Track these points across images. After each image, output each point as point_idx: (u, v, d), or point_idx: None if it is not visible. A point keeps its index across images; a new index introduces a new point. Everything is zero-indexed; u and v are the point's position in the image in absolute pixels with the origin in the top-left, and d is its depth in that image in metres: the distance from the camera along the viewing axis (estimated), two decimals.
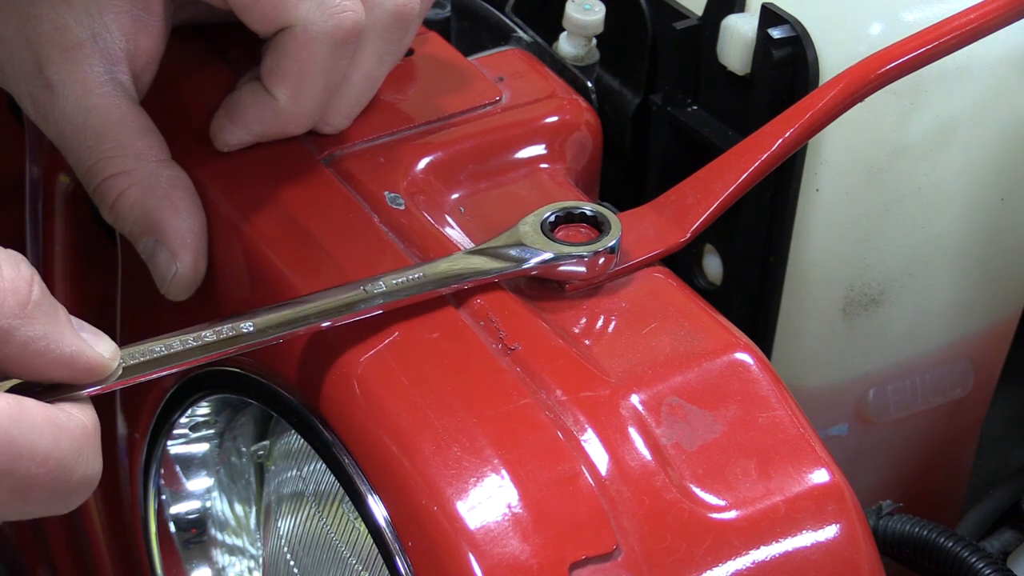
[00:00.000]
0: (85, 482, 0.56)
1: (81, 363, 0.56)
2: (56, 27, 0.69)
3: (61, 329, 0.55)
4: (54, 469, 0.54)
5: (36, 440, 0.53)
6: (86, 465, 0.55)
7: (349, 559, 0.70)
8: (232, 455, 0.81)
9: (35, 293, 0.54)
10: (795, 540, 0.61)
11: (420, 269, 0.66)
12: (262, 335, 0.62)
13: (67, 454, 0.54)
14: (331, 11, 0.67)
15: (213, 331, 0.62)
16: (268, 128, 0.72)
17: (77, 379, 0.57)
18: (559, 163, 0.77)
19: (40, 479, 0.54)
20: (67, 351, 0.55)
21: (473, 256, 0.67)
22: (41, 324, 0.54)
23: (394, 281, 0.65)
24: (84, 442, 0.55)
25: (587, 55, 0.87)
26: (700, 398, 0.64)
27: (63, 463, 0.54)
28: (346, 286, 0.65)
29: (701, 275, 0.87)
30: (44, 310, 0.54)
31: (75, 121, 0.69)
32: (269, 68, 0.69)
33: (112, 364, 0.57)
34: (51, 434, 0.54)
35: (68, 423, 0.55)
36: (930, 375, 0.91)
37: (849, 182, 0.80)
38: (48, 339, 0.55)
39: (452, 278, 0.66)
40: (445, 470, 0.59)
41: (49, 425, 0.54)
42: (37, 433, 0.53)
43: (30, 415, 0.53)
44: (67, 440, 0.54)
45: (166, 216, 0.69)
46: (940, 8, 0.77)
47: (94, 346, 0.57)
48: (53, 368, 0.55)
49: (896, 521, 0.79)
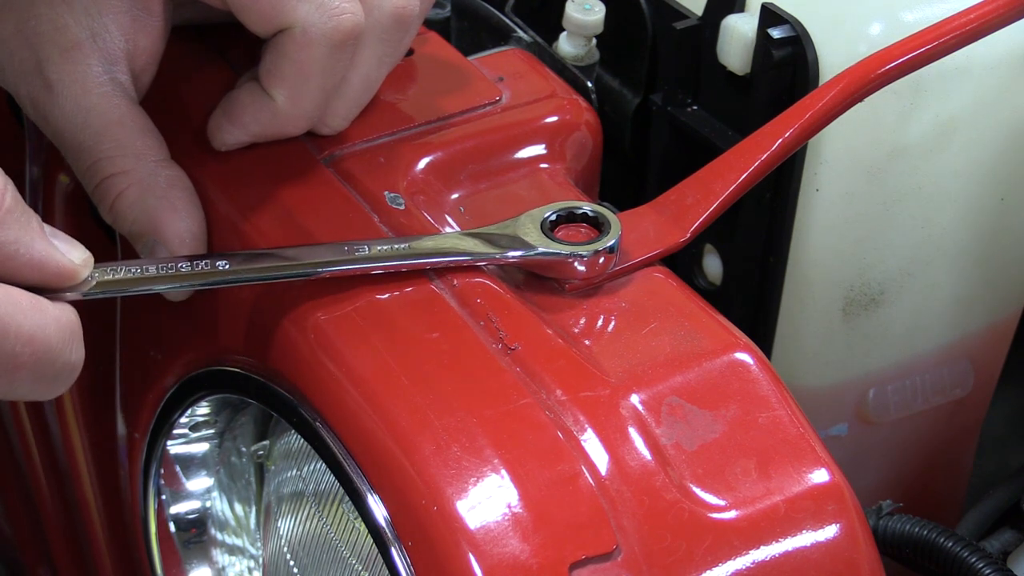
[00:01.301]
0: (68, 368, 0.59)
1: (51, 267, 0.59)
2: (55, 27, 0.69)
3: (32, 235, 0.58)
4: (39, 350, 0.57)
5: (22, 320, 0.56)
6: (69, 352, 0.58)
7: (349, 559, 0.70)
8: (232, 455, 0.81)
9: (8, 200, 0.57)
10: (795, 540, 0.61)
11: (407, 241, 0.67)
12: (235, 274, 0.64)
13: (52, 336, 0.57)
14: (330, 13, 0.67)
15: (190, 263, 0.64)
16: (266, 129, 0.72)
17: (48, 282, 0.59)
18: (559, 163, 0.77)
19: (25, 359, 0.56)
20: (37, 256, 0.58)
21: (464, 237, 0.68)
22: (13, 230, 0.57)
23: (379, 247, 0.66)
24: (69, 330, 0.58)
25: (587, 55, 0.87)
26: (700, 398, 0.64)
27: (48, 345, 0.57)
28: (330, 245, 0.66)
29: (701, 275, 0.87)
30: (16, 216, 0.57)
31: (74, 121, 0.69)
32: (267, 69, 0.69)
33: (83, 271, 0.60)
34: (37, 317, 0.57)
35: (52, 310, 0.58)
36: (930, 375, 0.91)
37: (849, 182, 0.80)
38: (19, 243, 0.57)
39: (438, 253, 0.66)
40: (445, 470, 0.59)
41: (34, 309, 0.57)
42: (23, 314, 0.56)
43: (15, 298, 0.56)
44: (52, 324, 0.57)
45: (165, 216, 0.69)
46: (940, 8, 0.77)
47: (66, 253, 0.59)
48: (24, 271, 0.58)
49: (896, 521, 0.79)
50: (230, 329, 0.71)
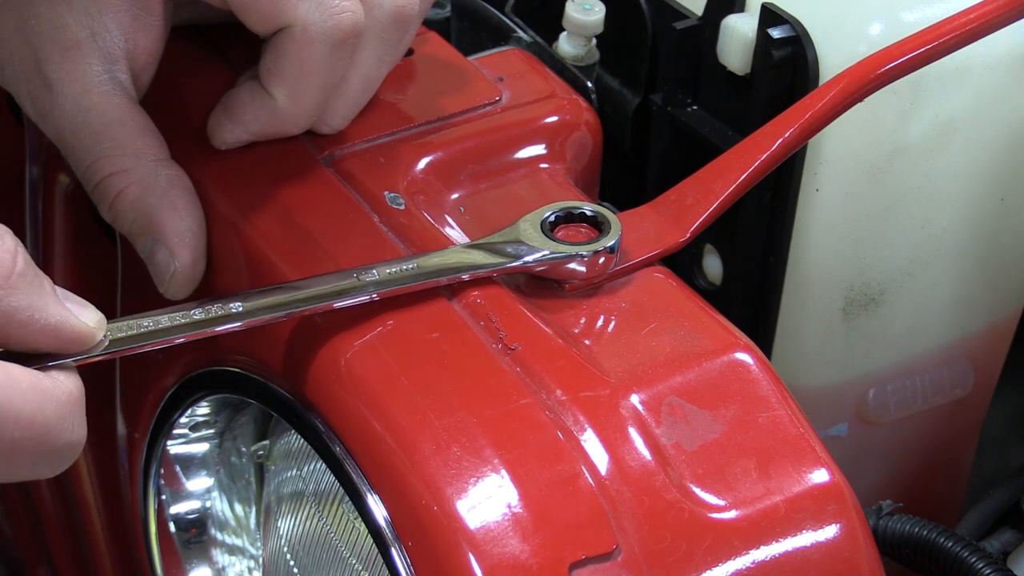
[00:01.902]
0: (70, 447, 0.57)
1: (66, 332, 0.57)
2: (55, 26, 0.69)
3: (45, 299, 0.56)
4: (39, 434, 0.55)
5: (21, 405, 0.54)
6: (71, 431, 0.56)
7: (349, 559, 0.70)
8: (232, 455, 0.81)
9: (19, 264, 0.55)
10: (795, 540, 0.61)
11: (414, 260, 0.66)
12: (250, 316, 0.63)
13: (52, 419, 0.55)
14: (330, 12, 0.67)
15: (202, 309, 0.62)
16: (266, 127, 0.72)
17: (62, 348, 0.57)
18: (559, 163, 0.77)
19: (25, 444, 0.55)
20: (52, 321, 0.56)
21: (469, 250, 0.67)
22: (25, 295, 0.55)
23: (387, 271, 0.65)
24: (69, 408, 0.56)
25: (587, 55, 0.87)
26: (700, 398, 0.64)
27: (48, 428, 0.55)
28: (338, 273, 0.65)
29: (701, 275, 0.87)
30: (28, 280, 0.55)
31: (74, 120, 0.69)
32: (268, 68, 0.69)
33: (98, 334, 0.58)
34: (36, 400, 0.55)
35: (54, 389, 0.56)
36: (930, 375, 0.91)
37: (849, 182, 0.80)
38: (33, 309, 0.55)
39: (447, 270, 0.66)
40: (445, 470, 0.59)
41: (34, 391, 0.55)
42: (22, 398, 0.54)
43: (15, 380, 0.54)
44: (52, 405, 0.55)
45: (165, 215, 0.69)
46: (940, 8, 0.77)
47: (79, 316, 0.57)
48: (38, 337, 0.56)
49: (896, 521, 0.79)
50: None
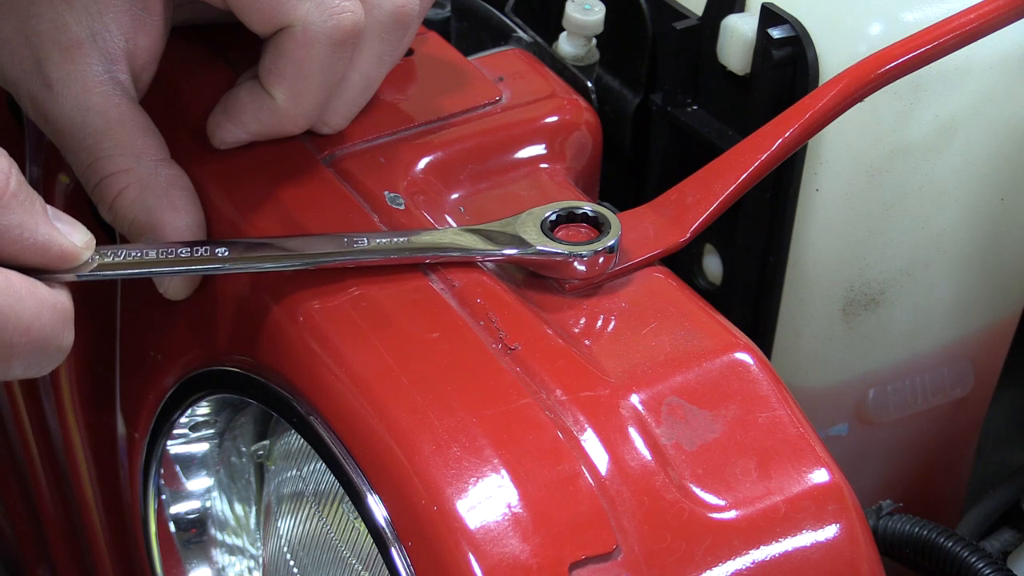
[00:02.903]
0: (59, 352, 0.60)
1: (54, 250, 0.60)
2: (55, 26, 0.69)
3: (36, 218, 0.59)
4: (35, 338, 0.58)
5: (20, 311, 0.58)
6: (62, 337, 0.60)
7: (349, 559, 0.70)
8: (232, 455, 0.81)
9: (12, 184, 0.58)
10: (795, 540, 0.61)
11: (406, 235, 0.67)
12: (234, 262, 0.65)
13: (47, 324, 0.59)
14: (330, 12, 0.67)
15: (189, 249, 0.65)
16: (265, 127, 0.72)
17: (51, 264, 0.60)
18: (559, 163, 0.77)
19: (21, 347, 0.58)
20: (41, 239, 0.59)
21: (463, 233, 0.68)
22: (17, 213, 0.58)
23: (377, 240, 0.66)
24: (63, 316, 0.60)
25: (587, 55, 0.87)
26: (700, 398, 0.64)
27: (43, 333, 0.59)
28: (329, 236, 0.67)
29: (701, 275, 0.87)
30: (20, 200, 0.58)
31: (74, 120, 0.69)
32: (267, 68, 0.69)
33: (85, 253, 0.61)
34: (33, 306, 0.58)
35: (49, 297, 0.59)
36: (930, 375, 0.91)
37: (849, 182, 0.80)
38: (23, 227, 0.59)
39: (437, 248, 0.67)
40: (445, 470, 0.59)
41: (32, 298, 0.58)
42: (21, 304, 0.58)
43: (15, 287, 0.58)
44: (48, 312, 0.59)
45: (165, 215, 0.69)
46: (940, 8, 0.77)
47: (68, 235, 0.61)
48: (28, 253, 0.59)
49: (896, 521, 0.79)
50: (230, 329, 0.71)
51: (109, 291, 0.81)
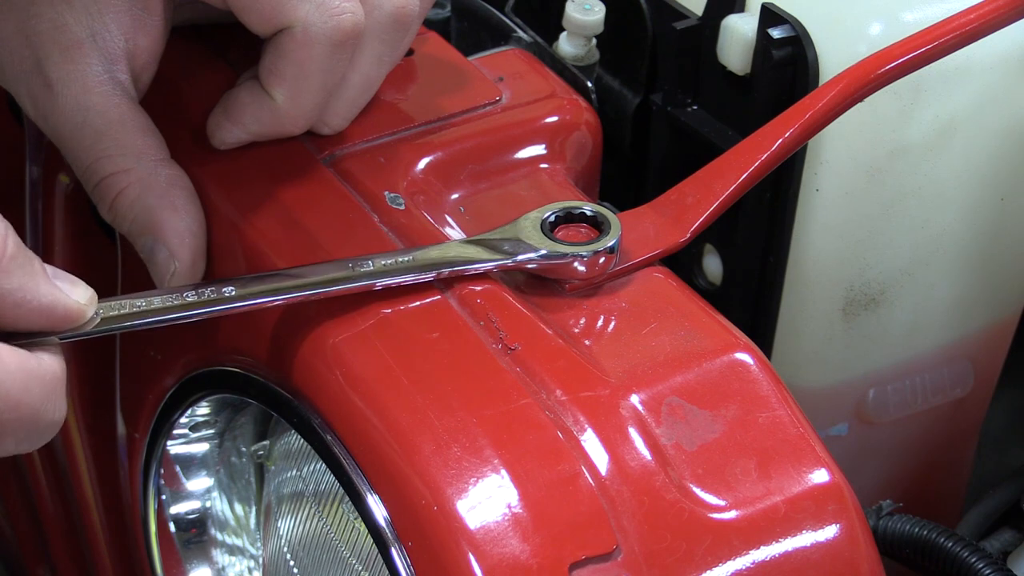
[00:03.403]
0: (52, 426, 0.58)
1: (58, 312, 0.58)
2: (55, 26, 0.69)
3: (36, 280, 0.57)
4: (25, 414, 0.56)
5: (9, 386, 0.55)
6: (54, 410, 0.58)
7: (349, 559, 0.70)
8: (232, 455, 0.81)
9: (10, 247, 0.56)
10: (795, 540, 0.61)
11: (411, 253, 0.66)
12: (242, 300, 0.63)
13: (37, 400, 0.56)
14: (330, 12, 0.67)
15: (195, 292, 0.63)
16: (265, 128, 0.72)
17: (54, 326, 0.58)
18: (559, 163, 0.77)
19: (10, 423, 0.56)
20: (44, 301, 0.57)
21: (467, 245, 0.68)
22: (17, 277, 0.56)
23: (382, 262, 0.65)
24: (54, 388, 0.58)
25: (587, 55, 0.87)
26: (700, 398, 0.64)
27: (33, 408, 0.56)
28: (334, 263, 0.65)
29: (701, 275, 0.87)
30: (19, 263, 0.56)
31: (74, 120, 0.69)
32: (267, 68, 0.69)
33: (88, 310, 0.59)
34: (23, 381, 0.56)
35: (39, 370, 0.57)
36: (930, 375, 0.91)
37: (849, 182, 0.80)
38: (24, 291, 0.57)
39: (443, 264, 0.66)
40: (445, 470, 0.59)
41: (21, 372, 0.56)
42: (11, 379, 0.55)
43: (3, 361, 0.55)
44: (38, 386, 0.56)
45: (165, 215, 0.69)
46: (940, 8, 0.77)
47: (70, 294, 0.59)
48: (31, 318, 0.57)
49: (896, 521, 0.79)
50: (230, 329, 0.71)
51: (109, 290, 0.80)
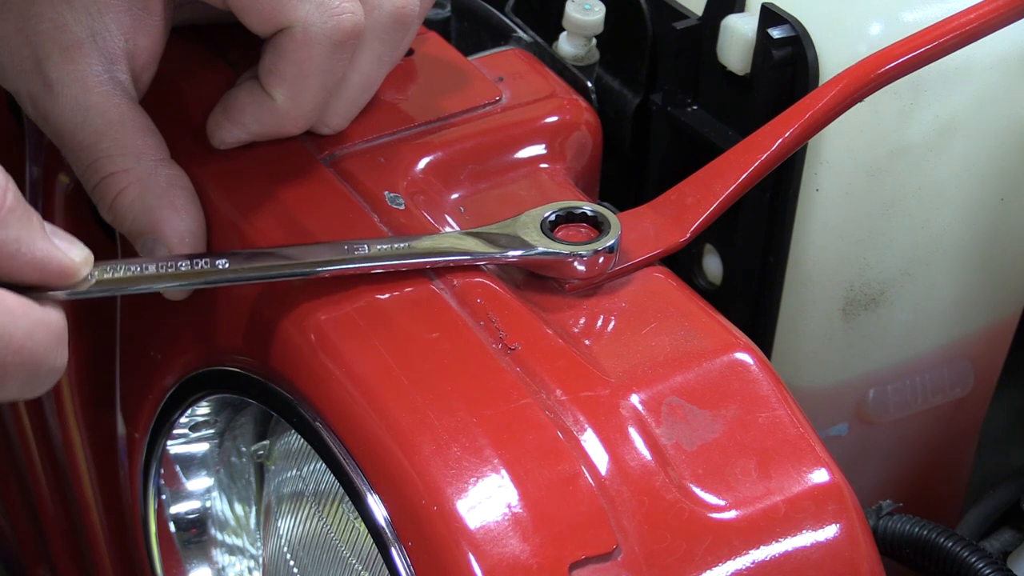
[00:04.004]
0: (53, 372, 0.59)
1: (52, 266, 0.59)
2: (55, 26, 0.69)
3: (34, 234, 0.58)
4: (28, 359, 0.57)
5: (13, 330, 0.56)
6: (55, 357, 0.59)
7: (349, 559, 0.70)
8: (232, 455, 0.81)
9: (9, 198, 0.57)
10: (795, 540, 0.61)
11: (407, 240, 0.67)
12: (235, 273, 0.64)
13: (40, 345, 0.58)
14: (330, 12, 0.67)
15: (189, 262, 0.64)
16: (265, 128, 0.72)
17: (49, 281, 0.59)
18: (559, 163, 0.77)
19: (14, 367, 0.57)
20: (39, 254, 0.58)
21: (464, 237, 0.68)
22: (14, 229, 0.57)
23: (378, 246, 0.66)
24: (56, 336, 0.59)
25: (587, 55, 0.87)
26: (700, 398, 0.64)
27: (36, 353, 0.57)
28: (329, 244, 0.66)
29: (701, 275, 0.87)
30: (18, 215, 0.57)
31: (74, 120, 0.69)
32: (267, 68, 0.69)
33: (83, 269, 0.60)
34: (27, 325, 0.57)
35: (43, 318, 0.58)
36: (930, 375, 0.91)
37: (849, 182, 0.80)
38: (21, 242, 0.57)
39: (438, 252, 0.67)
40: (445, 470, 0.59)
41: (26, 317, 0.57)
42: (15, 324, 0.56)
43: (9, 306, 0.57)
44: (42, 332, 0.58)
45: (165, 215, 0.69)
46: (940, 8, 0.77)
47: (67, 251, 0.60)
48: (26, 270, 0.58)
49: (896, 521, 0.79)
50: (230, 329, 0.71)
51: None
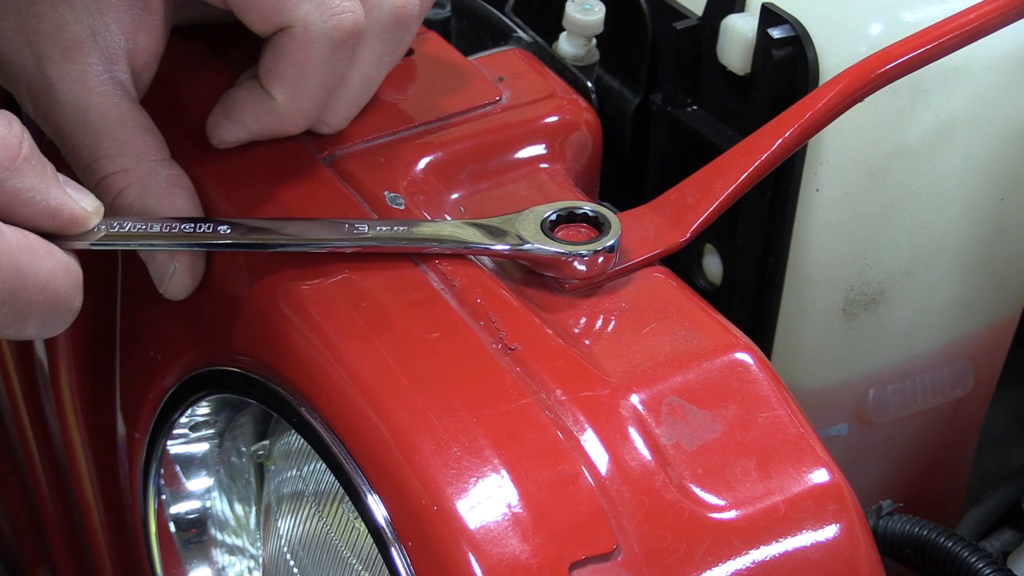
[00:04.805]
0: (71, 313, 0.62)
1: (65, 214, 0.61)
2: (56, 25, 0.69)
3: (48, 183, 0.61)
4: (51, 298, 0.60)
5: (39, 269, 0.59)
6: (74, 299, 0.62)
7: (349, 559, 0.70)
8: (232, 455, 0.81)
9: (25, 148, 0.59)
10: (795, 540, 0.61)
11: (407, 224, 0.68)
12: (236, 239, 0.66)
13: (61, 285, 0.61)
14: (331, 12, 0.67)
15: (192, 225, 0.66)
16: (265, 127, 0.72)
17: (61, 228, 0.62)
18: (559, 163, 0.77)
19: (38, 306, 0.60)
20: (52, 202, 0.61)
21: (464, 226, 0.68)
22: (29, 177, 0.60)
23: (378, 228, 0.67)
24: (76, 278, 0.62)
25: (587, 55, 0.87)
26: (700, 398, 0.64)
27: (58, 293, 0.61)
28: (330, 222, 0.68)
29: (701, 275, 0.87)
30: (33, 164, 0.60)
31: (74, 119, 0.69)
32: (267, 68, 0.69)
33: (94, 218, 0.63)
34: (51, 266, 0.60)
35: (63, 259, 0.61)
36: (930, 375, 0.91)
37: (849, 182, 0.80)
38: (35, 190, 0.60)
39: (437, 240, 0.67)
40: (445, 470, 0.59)
41: (50, 258, 0.60)
42: (41, 263, 0.60)
43: (34, 247, 0.60)
44: (62, 273, 0.61)
45: (165, 215, 0.69)
46: (940, 8, 0.77)
47: (79, 200, 0.62)
48: (39, 217, 0.61)
49: (896, 521, 0.79)
50: (230, 329, 0.71)
51: (110, 290, 0.81)
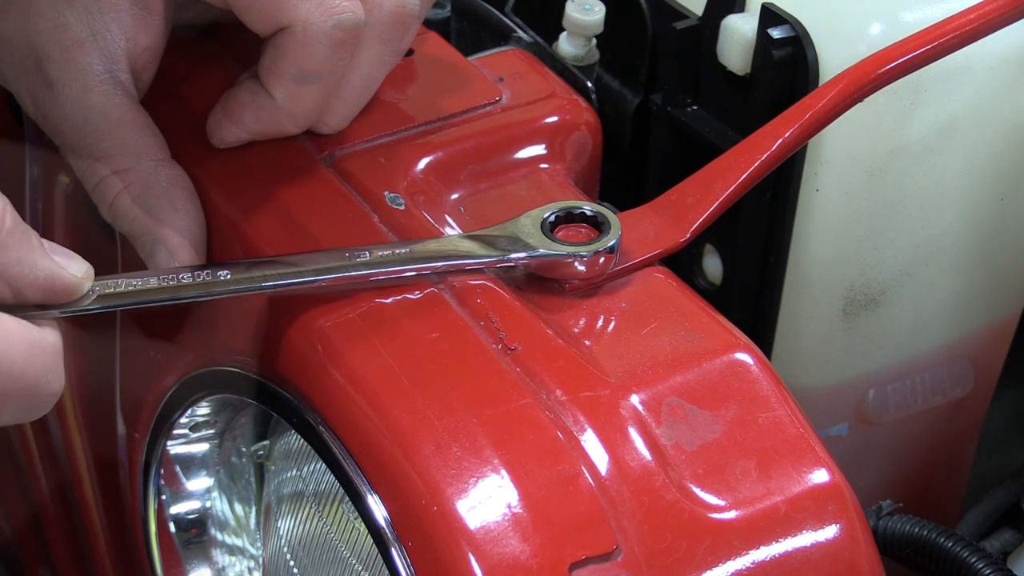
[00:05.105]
0: (51, 397, 0.59)
1: (56, 285, 0.59)
2: (56, 25, 0.69)
3: (34, 254, 0.58)
4: (27, 384, 0.57)
5: (13, 356, 0.56)
6: (54, 381, 0.59)
7: (349, 559, 0.70)
8: (232, 455, 0.81)
9: (7, 221, 0.57)
10: (795, 540, 0.61)
11: (408, 245, 0.66)
12: (237, 284, 0.64)
13: (39, 370, 0.57)
14: (331, 11, 0.67)
15: (191, 274, 0.64)
16: (265, 127, 0.72)
17: (52, 300, 0.59)
18: (559, 163, 0.77)
19: (13, 393, 0.57)
20: (41, 274, 0.58)
21: (465, 240, 0.68)
22: (14, 250, 0.57)
23: (379, 253, 0.66)
24: (54, 360, 0.59)
25: (587, 55, 0.87)
26: (700, 398, 0.64)
27: (35, 379, 0.57)
28: (330, 251, 0.66)
29: (701, 275, 0.87)
30: (16, 237, 0.57)
31: (74, 119, 0.69)
32: (267, 67, 0.69)
33: (85, 283, 0.60)
34: (26, 351, 0.57)
35: (41, 341, 0.58)
36: (930, 375, 0.91)
37: (849, 182, 0.80)
38: (22, 264, 0.58)
39: (440, 257, 0.66)
40: (445, 470, 0.59)
41: (24, 343, 0.57)
42: (14, 350, 0.56)
43: (8, 332, 0.56)
44: (39, 356, 0.57)
45: (165, 215, 0.69)
46: (940, 8, 0.77)
47: (67, 267, 0.59)
48: (29, 291, 0.58)
49: (896, 521, 0.79)
50: (230, 329, 0.71)
51: None
